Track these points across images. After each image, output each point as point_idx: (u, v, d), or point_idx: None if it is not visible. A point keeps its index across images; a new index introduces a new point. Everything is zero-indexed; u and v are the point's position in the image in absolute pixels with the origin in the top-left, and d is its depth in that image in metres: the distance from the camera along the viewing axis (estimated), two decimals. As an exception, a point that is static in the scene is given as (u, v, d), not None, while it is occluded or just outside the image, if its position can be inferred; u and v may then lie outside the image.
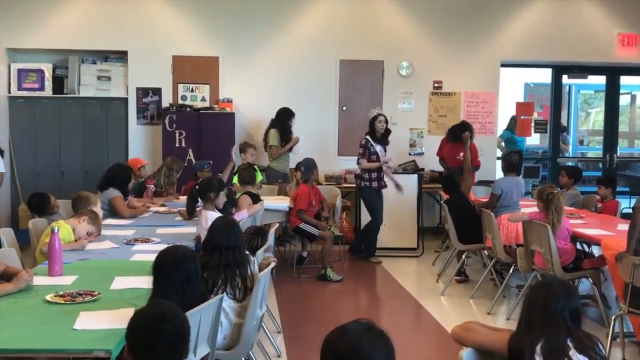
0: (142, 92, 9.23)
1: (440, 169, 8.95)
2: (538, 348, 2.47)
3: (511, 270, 6.22)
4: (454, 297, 6.61)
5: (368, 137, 7.93)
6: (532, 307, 2.61)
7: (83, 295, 3.36)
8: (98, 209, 5.29)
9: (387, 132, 8.02)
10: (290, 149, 8.71)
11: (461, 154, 8.36)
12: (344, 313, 6.16)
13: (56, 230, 3.98)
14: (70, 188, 7.92)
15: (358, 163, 8.00)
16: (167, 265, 3.06)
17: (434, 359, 5.08)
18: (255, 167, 8.09)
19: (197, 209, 5.47)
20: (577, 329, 2.55)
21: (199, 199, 5.32)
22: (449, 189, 7.30)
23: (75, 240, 4.68)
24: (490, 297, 6.28)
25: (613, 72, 10.67)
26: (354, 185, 8.63)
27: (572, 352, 2.47)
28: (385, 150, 8.00)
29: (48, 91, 9.09)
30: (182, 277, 3.02)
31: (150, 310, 2.31)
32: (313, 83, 9.47)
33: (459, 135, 8.39)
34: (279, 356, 4.83)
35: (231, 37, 9.32)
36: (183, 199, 6.76)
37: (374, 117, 8.04)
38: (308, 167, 7.39)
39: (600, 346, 2.57)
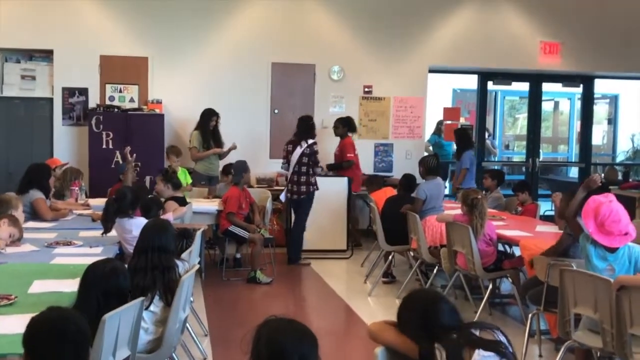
0: (68, 92, 9.01)
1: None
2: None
3: (435, 271, 6.37)
4: (380, 298, 6.72)
5: (316, 145, 8.01)
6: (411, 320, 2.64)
7: (-2, 299, 3.28)
8: (19, 212, 5.15)
9: None
10: (221, 156, 8.67)
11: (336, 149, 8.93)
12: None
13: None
14: (-7, 190, 7.66)
15: (317, 172, 8.02)
16: (87, 281, 3.06)
17: (358, 358, 5.15)
18: (185, 169, 8.11)
19: None
20: (469, 331, 2.52)
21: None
22: (405, 188, 7.23)
23: (-4, 244, 4.55)
24: (415, 298, 6.39)
25: (536, 79, 11.05)
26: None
27: (477, 352, 2.43)
28: None
29: (-31, 90, 8.80)
30: (100, 295, 3.00)
31: (53, 314, 2.26)
32: (245, 85, 9.45)
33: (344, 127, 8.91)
34: (205, 359, 4.81)
35: (161, 38, 9.20)
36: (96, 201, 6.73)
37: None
38: (238, 169, 7.38)
39: (499, 333, 2.53)
